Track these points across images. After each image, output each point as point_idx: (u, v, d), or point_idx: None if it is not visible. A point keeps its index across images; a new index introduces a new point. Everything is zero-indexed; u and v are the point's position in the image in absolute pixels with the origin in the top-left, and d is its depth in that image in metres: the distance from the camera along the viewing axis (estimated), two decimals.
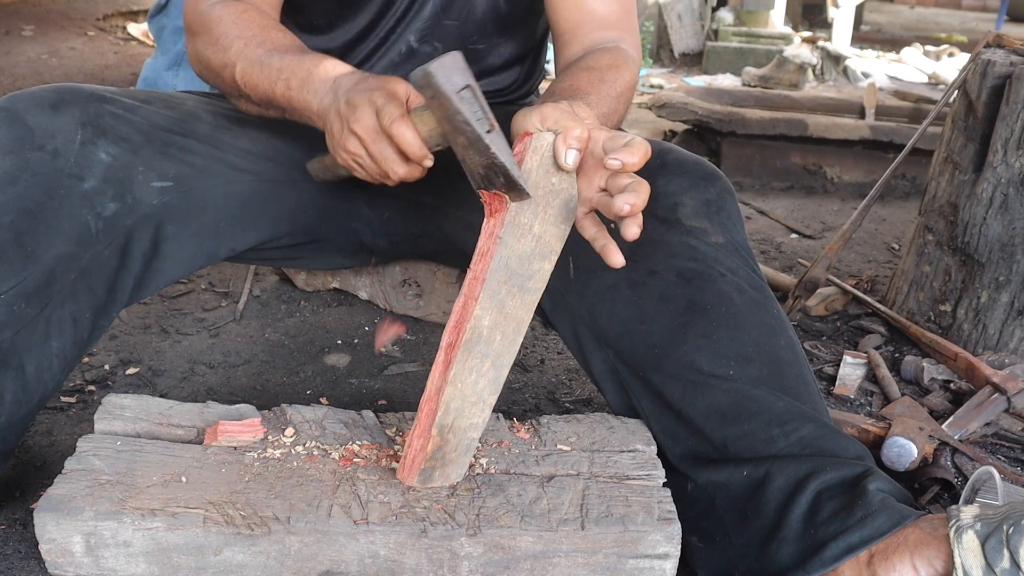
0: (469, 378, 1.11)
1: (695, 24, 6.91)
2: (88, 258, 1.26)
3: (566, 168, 1.06)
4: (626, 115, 1.40)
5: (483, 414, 1.15)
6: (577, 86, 1.28)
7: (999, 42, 2.08)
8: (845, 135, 3.46)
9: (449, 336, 1.10)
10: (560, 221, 1.10)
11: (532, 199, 1.06)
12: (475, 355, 1.10)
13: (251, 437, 1.22)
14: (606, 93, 1.30)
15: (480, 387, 1.13)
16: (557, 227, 1.10)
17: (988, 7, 11.92)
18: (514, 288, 1.10)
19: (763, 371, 1.25)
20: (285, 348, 1.93)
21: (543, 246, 1.10)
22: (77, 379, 1.75)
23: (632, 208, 1.02)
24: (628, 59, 1.41)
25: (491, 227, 1.08)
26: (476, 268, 1.09)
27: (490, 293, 1.08)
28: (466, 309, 1.09)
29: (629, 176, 1.05)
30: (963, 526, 1.06)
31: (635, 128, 4.29)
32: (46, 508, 1.06)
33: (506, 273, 1.08)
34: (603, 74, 1.33)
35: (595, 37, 1.45)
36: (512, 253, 1.08)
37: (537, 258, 1.10)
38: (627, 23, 1.48)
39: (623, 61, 1.39)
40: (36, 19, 6.46)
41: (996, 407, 1.74)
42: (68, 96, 1.31)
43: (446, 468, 1.15)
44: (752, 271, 1.34)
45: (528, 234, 1.08)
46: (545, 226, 1.09)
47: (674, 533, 1.13)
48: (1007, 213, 1.91)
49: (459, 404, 1.12)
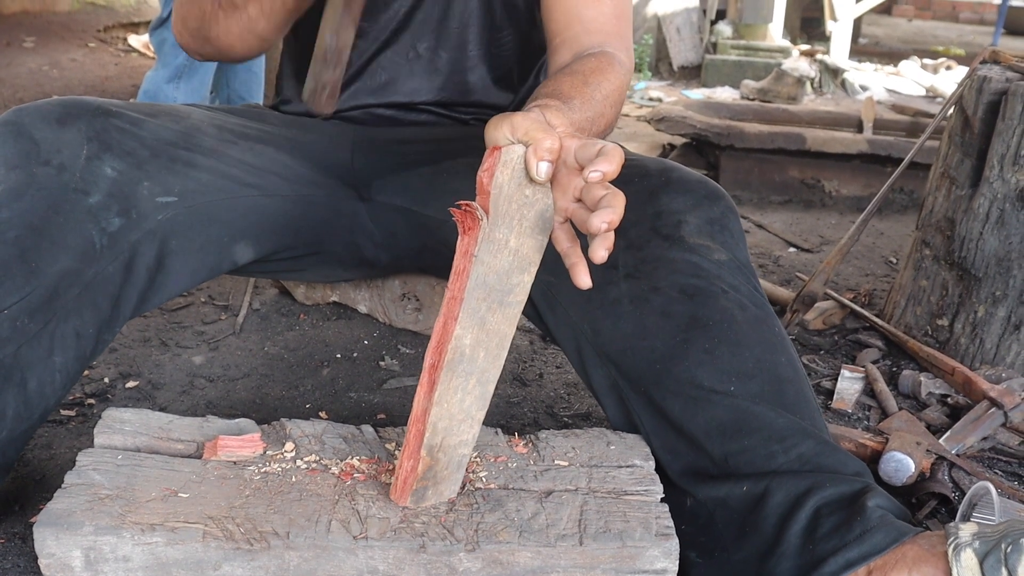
0: (455, 397, 1.10)
1: (694, 37, 6.94)
2: (92, 273, 1.26)
3: (538, 181, 1.03)
4: (616, 119, 1.38)
5: (472, 430, 1.14)
6: (559, 90, 1.25)
7: (995, 58, 2.10)
8: (843, 149, 3.47)
9: (431, 357, 1.09)
10: (536, 232, 1.07)
11: (507, 213, 1.04)
12: (459, 374, 1.09)
13: (251, 452, 1.22)
14: (589, 96, 1.27)
15: (467, 404, 1.12)
16: (534, 238, 1.07)
17: (985, 20, 11.97)
18: (494, 304, 1.08)
19: (764, 387, 1.25)
20: (284, 362, 1.94)
21: (521, 259, 1.07)
22: (77, 392, 1.75)
23: (609, 225, 0.99)
24: (615, 63, 1.39)
25: (465, 245, 1.05)
26: (453, 287, 1.06)
27: (470, 312, 1.06)
28: (446, 329, 1.07)
29: (604, 187, 1.01)
30: (961, 544, 1.06)
31: (634, 141, 4.30)
32: (45, 522, 1.06)
33: (484, 290, 1.06)
34: (587, 77, 1.30)
35: (585, 43, 1.44)
36: (489, 270, 1.06)
37: (516, 272, 1.08)
38: (618, 29, 1.47)
39: (608, 65, 1.37)
40: (37, 31, 6.48)
41: (993, 421, 1.75)
42: (74, 110, 1.32)
43: (439, 486, 1.15)
44: (754, 288, 1.34)
45: (504, 249, 1.06)
46: (521, 239, 1.06)
47: (672, 549, 1.13)
48: (1003, 228, 1.92)
49: (446, 424, 1.11)
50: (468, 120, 1.64)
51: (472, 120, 1.65)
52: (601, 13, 1.45)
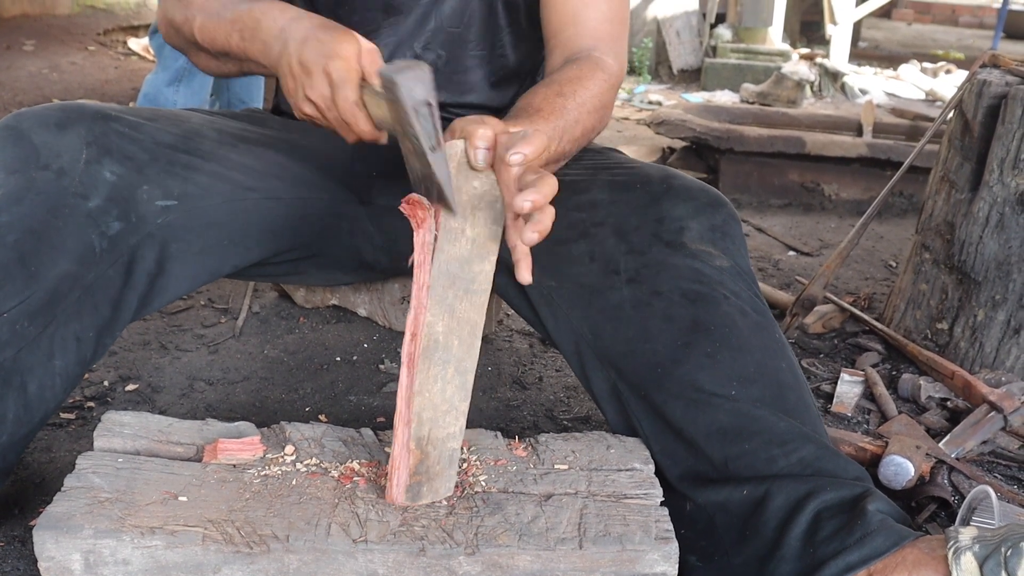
0: (435, 386, 1.13)
1: (693, 41, 6.95)
2: (92, 277, 1.26)
3: (478, 167, 1.09)
4: (598, 124, 1.39)
5: (458, 423, 1.16)
6: (530, 104, 1.28)
7: (995, 62, 2.10)
8: (843, 152, 3.48)
9: (407, 349, 1.12)
10: (490, 222, 1.12)
11: (459, 204, 1.09)
12: (436, 362, 1.13)
13: (250, 455, 1.22)
14: (561, 106, 1.29)
15: (449, 394, 1.15)
16: (488, 228, 1.12)
17: (985, 24, 11.98)
18: (460, 291, 1.12)
19: (765, 392, 1.26)
20: (284, 365, 1.94)
21: (479, 248, 1.12)
22: (76, 395, 1.75)
23: (533, 204, 1.02)
24: (599, 69, 1.40)
25: (422, 237, 1.10)
26: (419, 278, 1.11)
27: (437, 299, 1.11)
28: (418, 319, 1.11)
29: (534, 172, 1.06)
30: (961, 547, 1.06)
31: (633, 145, 4.31)
32: (45, 526, 1.06)
33: (448, 278, 1.11)
34: (562, 87, 1.33)
35: (576, 46, 1.45)
36: (450, 258, 1.10)
37: (476, 260, 1.12)
38: (610, 32, 1.48)
39: (590, 72, 1.38)
40: (37, 34, 6.49)
41: (993, 425, 1.75)
42: (74, 114, 1.32)
43: (433, 482, 1.16)
44: (755, 295, 1.35)
45: (462, 238, 1.11)
46: (477, 228, 1.11)
47: (671, 552, 1.13)
48: (1003, 232, 1.92)
49: (431, 414, 1.14)
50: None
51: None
52: (593, 17, 1.46)
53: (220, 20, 1.32)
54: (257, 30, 1.27)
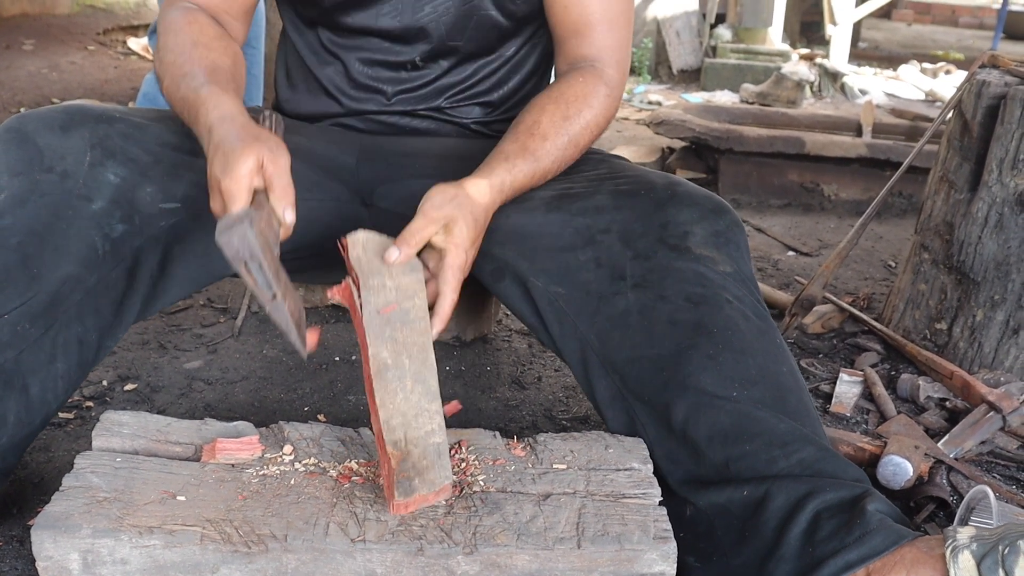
0: (396, 397, 1.17)
1: (693, 41, 6.94)
2: (95, 279, 1.26)
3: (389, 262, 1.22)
4: (598, 136, 1.49)
5: (434, 420, 1.18)
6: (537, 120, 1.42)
7: (994, 62, 2.10)
8: (842, 153, 3.48)
9: (365, 370, 1.18)
10: (408, 272, 1.23)
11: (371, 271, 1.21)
12: (390, 380, 1.17)
13: (249, 455, 1.22)
14: (565, 131, 1.42)
15: (414, 400, 1.17)
16: (408, 276, 1.23)
17: (985, 25, 11.97)
18: (397, 323, 1.20)
19: (766, 394, 1.26)
20: (283, 365, 1.94)
21: (404, 291, 1.22)
22: (75, 395, 1.75)
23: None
24: (601, 82, 1.48)
25: (345, 289, 1.22)
26: (354, 319, 1.21)
27: (375, 335, 1.18)
28: (364, 349, 1.18)
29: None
30: (959, 546, 1.07)
31: (633, 145, 4.30)
32: (43, 525, 1.06)
33: (381, 319, 1.19)
34: (568, 108, 1.44)
35: (579, 54, 1.51)
36: (378, 303, 1.20)
37: (404, 300, 1.21)
38: (612, 42, 1.51)
39: (593, 88, 1.46)
40: (37, 33, 6.48)
41: (991, 425, 1.75)
42: (77, 117, 1.32)
43: (425, 475, 1.15)
44: (757, 301, 1.36)
45: (383, 288, 1.21)
46: (398, 279, 1.22)
47: (670, 552, 1.13)
48: (1002, 232, 1.92)
49: (400, 420, 1.16)
50: (470, 124, 1.64)
51: (473, 125, 1.65)
52: (596, 27, 1.50)
53: (175, 94, 1.34)
54: (195, 122, 1.29)
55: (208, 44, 1.40)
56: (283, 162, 1.20)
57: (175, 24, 1.41)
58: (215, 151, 1.19)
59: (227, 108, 1.26)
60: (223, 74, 1.35)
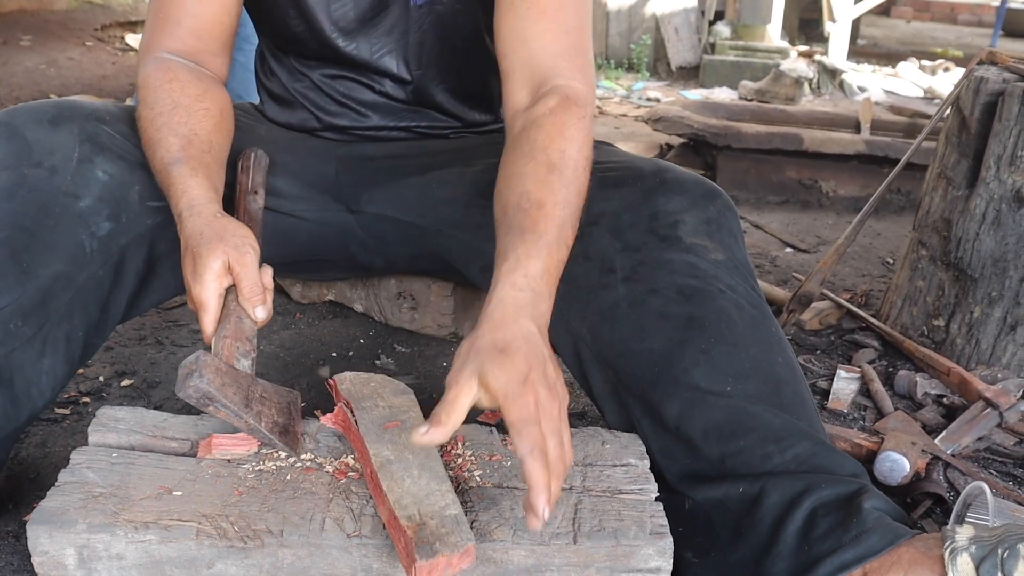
0: (404, 483, 1.11)
1: (692, 37, 6.94)
2: (84, 277, 1.26)
3: (421, 442, 1.02)
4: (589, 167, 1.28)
5: (446, 496, 1.10)
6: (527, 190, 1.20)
7: (992, 59, 2.10)
8: (841, 149, 3.47)
9: (367, 472, 1.16)
10: (400, 393, 1.26)
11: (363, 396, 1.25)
12: (395, 471, 1.13)
13: (245, 450, 1.22)
14: (559, 186, 1.20)
15: (423, 483, 1.11)
16: (400, 398, 1.25)
17: (984, 22, 11.98)
18: (395, 431, 1.20)
19: (760, 388, 1.25)
20: (280, 360, 1.94)
21: (398, 408, 1.23)
22: (71, 390, 1.75)
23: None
24: (572, 105, 1.28)
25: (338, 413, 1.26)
26: (350, 438, 1.22)
27: (374, 440, 1.18)
28: (364, 457, 1.17)
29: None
30: (958, 548, 1.06)
31: (631, 141, 4.30)
32: (39, 520, 1.06)
33: (377, 430, 1.19)
34: (549, 156, 1.23)
35: (531, 65, 1.33)
36: (372, 419, 1.21)
37: (400, 413, 1.23)
38: (570, 44, 1.35)
39: (565, 117, 1.27)
40: (34, 29, 6.47)
41: (988, 422, 1.75)
42: (67, 112, 1.32)
43: (445, 539, 1.04)
44: (751, 288, 1.34)
45: (376, 407, 1.23)
46: (390, 400, 1.25)
47: (666, 547, 1.13)
48: (1000, 229, 1.92)
49: (411, 499, 1.09)
50: (447, 133, 1.64)
51: (451, 133, 1.65)
52: (547, 29, 1.33)
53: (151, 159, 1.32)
54: (167, 195, 1.28)
55: (188, 107, 1.34)
56: (249, 260, 1.20)
57: (153, 81, 1.36)
58: (184, 250, 1.21)
59: (195, 195, 1.25)
60: (198, 146, 1.31)
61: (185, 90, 1.36)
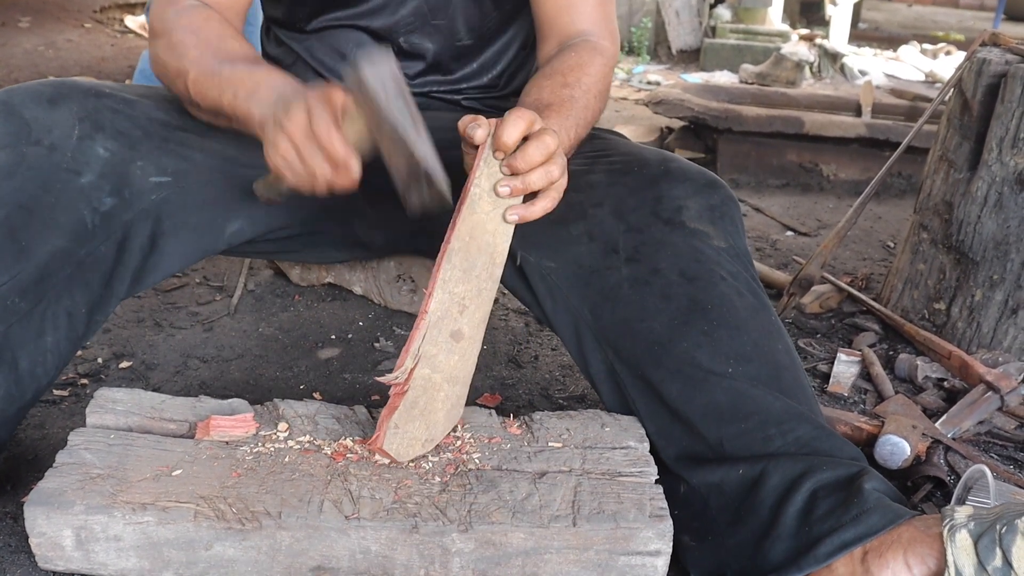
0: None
1: (693, 20, 6.91)
2: (84, 253, 1.26)
3: (475, 141, 1.13)
4: (603, 105, 1.44)
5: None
6: (540, 98, 1.33)
7: (995, 41, 2.08)
8: (841, 133, 3.46)
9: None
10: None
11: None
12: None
13: (243, 432, 1.21)
14: (569, 96, 1.35)
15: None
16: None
17: (986, 6, 11.92)
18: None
19: (761, 371, 1.25)
20: (279, 343, 1.93)
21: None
22: (70, 372, 1.74)
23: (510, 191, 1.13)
24: (596, 53, 1.45)
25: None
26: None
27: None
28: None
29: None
30: (957, 525, 1.06)
31: (632, 124, 4.29)
32: (37, 502, 1.06)
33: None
34: (565, 77, 1.38)
35: (569, 32, 1.50)
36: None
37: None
38: (603, 15, 1.52)
39: (589, 57, 1.43)
40: (33, 10, 6.44)
41: (989, 405, 1.74)
42: (65, 90, 1.31)
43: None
44: (751, 277, 1.35)
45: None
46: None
47: (666, 530, 1.12)
48: (1001, 212, 1.91)
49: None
50: (460, 101, 1.63)
51: (464, 100, 1.64)
52: (587, 2, 1.50)
53: (215, 77, 1.29)
54: (255, 92, 1.24)
55: (236, 38, 1.38)
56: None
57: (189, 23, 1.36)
58: (292, 96, 1.16)
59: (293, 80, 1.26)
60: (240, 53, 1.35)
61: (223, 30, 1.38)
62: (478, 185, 1.14)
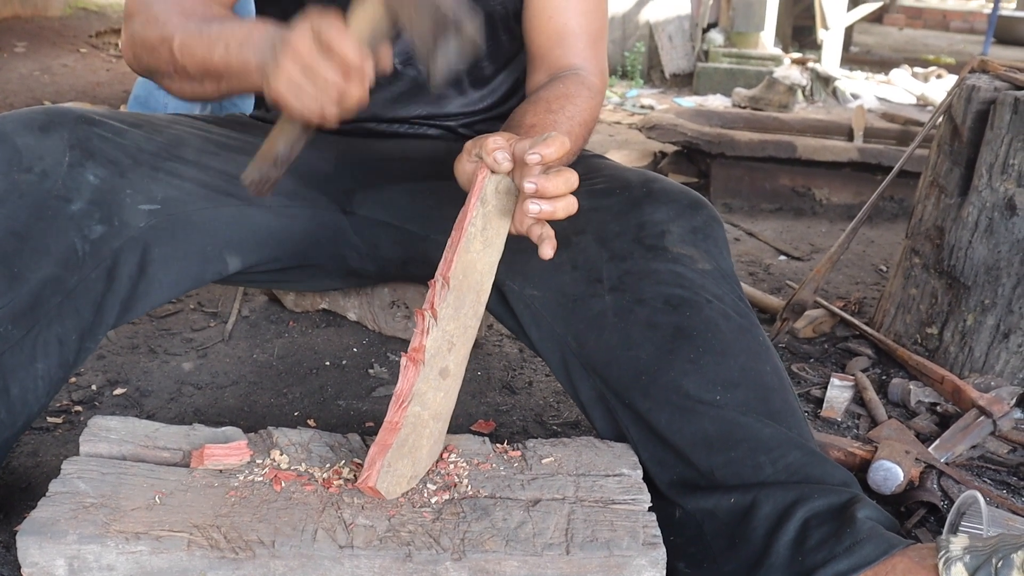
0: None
1: (686, 45, 6.95)
2: (75, 280, 1.26)
3: (499, 169, 1.14)
4: (586, 138, 1.44)
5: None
6: (522, 120, 1.35)
7: (984, 67, 2.10)
8: (834, 157, 3.48)
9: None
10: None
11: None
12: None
13: (237, 460, 1.21)
14: (553, 120, 1.35)
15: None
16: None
17: (976, 29, 12.02)
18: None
19: (749, 396, 1.25)
20: (273, 369, 1.93)
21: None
22: (64, 399, 1.74)
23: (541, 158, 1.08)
24: (584, 86, 1.46)
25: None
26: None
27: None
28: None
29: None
30: (952, 558, 1.06)
31: (624, 149, 4.31)
32: (29, 531, 1.06)
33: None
34: (550, 104, 1.39)
35: (560, 65, 1.52)
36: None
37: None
38: (594, 51, 1.54)
39: (576, 89, 1.44)
40: (29, 36, 6.47)
41: (982, 430, 1.75)
42: (57, 118, 1.32)
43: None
44: (738, 298, 1.35)
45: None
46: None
47: (659, 558, 1.12)
48: (992, 237, 1.92)
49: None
50: (455, 128, 1.64)
51: (459, 128, 1.65)
52: (579, 35, 1.52)
53: (203, 36, 1.27)
54: (248, 39, 1.21)
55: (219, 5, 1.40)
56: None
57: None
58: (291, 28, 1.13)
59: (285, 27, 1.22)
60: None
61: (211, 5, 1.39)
62: (473, 224, 1.16)
